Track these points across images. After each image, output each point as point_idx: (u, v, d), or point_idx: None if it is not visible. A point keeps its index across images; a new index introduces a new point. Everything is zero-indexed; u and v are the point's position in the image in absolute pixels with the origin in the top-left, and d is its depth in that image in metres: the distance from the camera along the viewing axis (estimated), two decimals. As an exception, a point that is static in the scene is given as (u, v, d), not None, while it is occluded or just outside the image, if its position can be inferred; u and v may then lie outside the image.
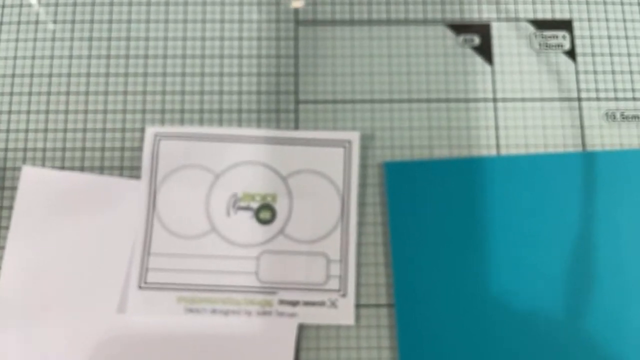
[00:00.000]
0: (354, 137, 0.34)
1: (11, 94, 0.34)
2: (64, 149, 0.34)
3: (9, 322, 0.31)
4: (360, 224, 0.33)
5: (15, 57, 0.35)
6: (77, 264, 0.32)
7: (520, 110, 0.35)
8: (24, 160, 0.34)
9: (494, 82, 0.35)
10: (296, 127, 0.34)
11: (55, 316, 0.31)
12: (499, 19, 0.36)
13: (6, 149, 0.34)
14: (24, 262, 0.32)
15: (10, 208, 0.33)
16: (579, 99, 0.35)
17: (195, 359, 0.31)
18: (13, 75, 0.35)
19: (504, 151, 0.34)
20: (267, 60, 0.35)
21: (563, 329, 0.32)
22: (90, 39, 0.35)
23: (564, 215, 0.33)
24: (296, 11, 0.36)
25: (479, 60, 0.36)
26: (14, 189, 0.33)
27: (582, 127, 0.35)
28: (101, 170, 0.33)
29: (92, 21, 0.35)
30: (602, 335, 0.32)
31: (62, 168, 0.33)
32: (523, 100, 0.35)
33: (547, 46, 0.36)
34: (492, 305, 0.32)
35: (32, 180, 0.33)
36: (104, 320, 0.31)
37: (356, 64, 0.35)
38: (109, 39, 0.35)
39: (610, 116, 0.35)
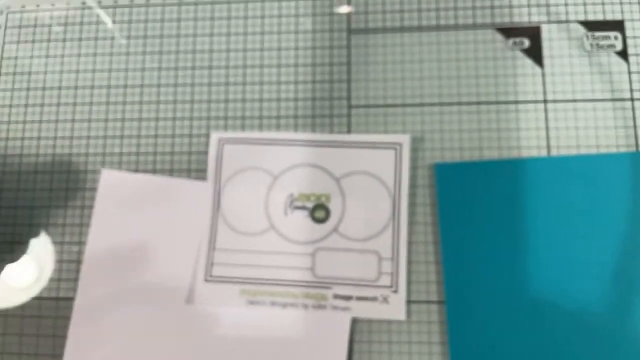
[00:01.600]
0: (405, 139, 0.35)
1: (91, 104, 0.38)
2: (137, 154, 0.37)
3: (90, 312, 0.35)
4: (411, 223, 0.35)
5: (94, 71, 0.38)
6: (150, 258, 0.35)
7: (572, 111, 0.35)
8: (103, 163, 0.37)
9: (544, 84, 0.36)
10: (349, 131, 0.36)
11: (131, 307, 0.35)
12: (549, 21, 0.37)
13: (87, 154, 0.37)
14: (103, 256, 0.35)
15: (91, 207, 0.36)
16: (632, 99, 0.35)
17: (255, 347, 0.33)
18: (92, 87, 0.38)
19: (554, 152, 0.35)
20: (321, 68, 0.37)
21: (613, 329, 0.32)
22: (160, 52, 0.38)
23: (615, 216, 0.33)
24: (348, 20, 0.38)
25: (528, 62, 0.36)
26: (93, 190, 0.37)
27: (635, 127, 0.35)
28: (171, 172, 0.36)
29: (161, 36, 0.39)
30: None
31: (137, 171, 0.37)
32: (574, 101, 0.36)
33: (598, 47, 0.36)
34: (541, 304, 0.33)
35: (110, 181, 0.36)
36: (174, 310, 0.34)
37: (406, 69, 0.37)
38: (177, 52, 0.38)
39: (666, 116, 0.35)
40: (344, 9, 0.38)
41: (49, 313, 0.35)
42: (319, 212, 0.35)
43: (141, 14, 0.39)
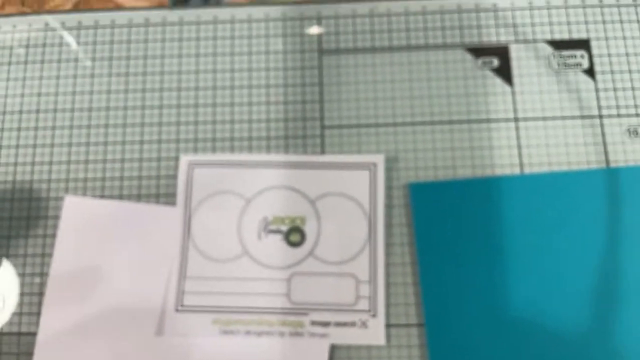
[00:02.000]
0: (379, 159, 0.35)
1: (53, 127, 0.37)
2: (103, 179, 0.36)
3: (55, 344, 0.33)
4: (388, 244, 0.34)
5: (56, 94, 0.37)
6: (117, 289, 0.33)
7: (542, 129, 0.36)
8: (67, 190, 0.35)
9: (514, 102, 0.36)
10: (322, 152, 0.36)
11: (98, 339, 0.33)
12: (516, 41, 0.37)
13: (49, 180, 0.36)
14: (66, 287, 0.34)
15: (53, 236, 0.35)
16: (600, 116, 0.36)
17: (230, 379, 0.32)
18: (55, 110, 0.37)
19: (527, 170, 0.35)
20: (293, 89, 0.37)
21: (590, 346, 0.32)
22: (127, 74, 0.37)
23: (589, 232, 0.33)
24: (319, 41, 0.38)
25: (498, 81, 0.37)
26: (56, 217, 0.35)
27: (604, 143, 0.35)
28: (138, 197, 0.35)
29: (128, 58, 0.38)
30: (630, 351, 0.32)
31: (102, 197, 0.35)
32: (544, 119, 0.36)
33: (565, 65, 0.37)
34: (520, 323, 0.32)
35: (74, 208, 0.35)
36: (144, 342, 0.33)
37: (378, 89, 0.37)
38: (144, 74, 0.37)
39: (633, 132, 0.36)
40: (315, 30, 0.38)
41: (11, 349, 0.33)
42: (294, 235, 0.34)
43: (106, 35, 0.38)
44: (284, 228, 0.34)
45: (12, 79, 0.37)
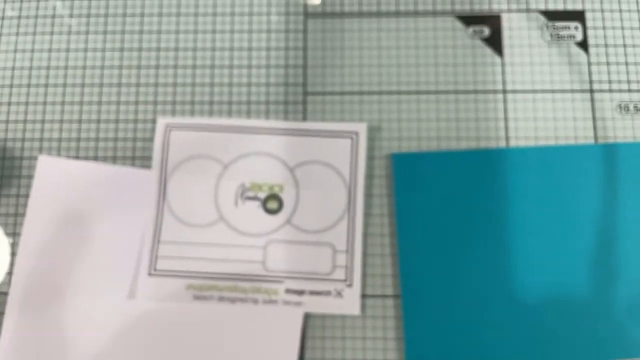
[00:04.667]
0: (361, 128, 0.34)
1: (28, 85, 0.35)
2: (78, 139, 0.35)
3: (24, 306, 0.32)
4: (367, 215, 0.34)
5: (32, 50, 0.36)
6: (90, 250, 0.33)
7: (531, 102, 0.35)
8: (40, 149, 0.35)
9: (503, 73, 0.35)
10: (304, 119, 0.35)
11: (69, 301, 0.32)
12: (509, 10, 0.36)
13: (23, 139, 0.35)
14: (39, 248, 0.33)
15: (27, 196, 0.34)
16: (591, 91, 0.35)
17: (202, 345, 0.32)
18: (30, 68, 0.36)
19: (513, 143, 0.34)
20: (276, 53, 0.36)
21: (574, 319, 0.31)
22: (105, 32, 0.36)
23: (574, 208, 0.33)
24: (305, 4, 0.36)
25: (488, 51, 0.36)
26: (30, 177, 0.34)
27: (594, 119, 0.34)
28: (114, 160, 0.34)
29: (106, 15, 0.36)
30: (624, 323, 0.31)
31: (77, 158, 0.34)
32: (534, 92, 0.35)
33: (558, 37, 0.36)
34: (498, 296, 0.32)
35: (48, 169, 0.34)
36: (116, 305, 0.32)
37: (364, 55, 0.36)
38: (123, 32, 0.36)
39: (624, 108, 0.35)
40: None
41: (-17, 310, 0.33)
42: (272, 202, 0.34)
43: (85, -9, 0.37)
44: (262, 195, 0.34)
45: (-12, 35, 0.36)
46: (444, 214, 0.33)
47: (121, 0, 0.36)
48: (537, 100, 0.35)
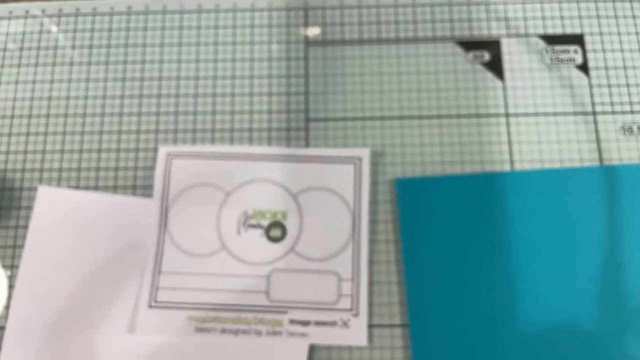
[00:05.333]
0: (364, 153, 0.34)
1: (30, 116, 0.35)
2: (79, 169, 0.34)
3: (23, 338, 0.31)
4: (372, 241, 0.33)
5: (34, 82, 0.36)
6: (90, 282, 0.32)
7: (534, 125, 0.35)
8: (40, 180, 0.34)
9: (505, 97, 0.35)
10: (306, 145, 0.35)
11: (68, 334, 0.31)
12: (508, 35, 0.36)
13: (23, 170, 0.34)
14: (38, 280, 0.32)
15: (26, 227, 0.33)
16: (594, 113, 0.35)
17: (205, 380, 0.31)
18: (32, 99, 0.36)
19: (518, 166, 0.34)
20: (277, 80, 0.36)
21: (578, 344, 0.30)
22: (107, 62, 0.36)
23: (582, 231, 0.32)
24: (306, 34, 0.37)
25: (489, 75, 0.36)
26: (29, 208, 0.34)
27: (598, 141, 0.34)
28: (115, 189, 0.34)
29: (109, 46, 0.37)
30: (631, 350, 0.30)
31: (77, 187, 0.34)
32: (536, 115, 0.35)
33: (558, 61, 0.36)
34: (506, 322, 0.31)
35: (48, 199, 0.34)
36: (115, 339, 0.31)
37: (366, 81, 0.36)
38: (125, 62, 0.36)
39: (627, 129, 0.34)
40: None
41: (-22, 346, 0.32)
42: (275, 230, 0.33)
43: (87, 22, 0.37)
44: (265, 223, 0.33)
45: (-9, 67, 0.36)
46: (449, 238, 0.32)
47: (123, 32, 0.37)
48: (540, 123, 0.35)
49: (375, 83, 0.36)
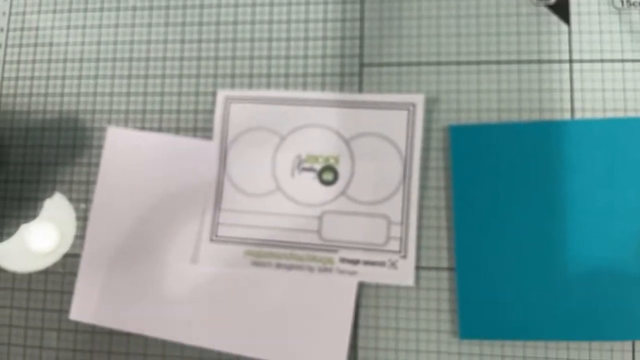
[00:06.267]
0: (418, 99, 0.34)
1: (97, 60, 0.37)
2: (144, 111, 0.36)
3: (96, 267, 0.35)
4: (423, 187, 0.33)
5: (100, 26, 0.38)
6: (156, 216, 0.35)
7: (599, 72, 0.33)
8: (109, 121, 0.36)
9: (570, 42, 0.34)
10: (360, 90, 0.35)
11: (137, 263, 0.34)
12: (578, -25, 0.34)
13: (94, 111, 0.37)
14: (109, 213, 0.35)
15: (97, 165, 0.36)
16: (667, 60, 0.33)
17: (260, 310, 0.33)
18: (99, 43, 0.37)
19: (579, 115, 0.33)
20: (332, 24, 0.36)
21: (628, 294, 0.30)
22: (167, 7, 0.37)
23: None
24: (363, -26, 0.36)
25: (554, 19, 0.34)
26: (100, 147, 0.36)
27: (668, 89, 0.32)
28: (177, 131, 0.36)
29: (168, -10, 0.37)
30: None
31: (143, 129, 0.36)
32: (602, 61, 0.33)
33: (629, 4, 0.34)
34: (553, 269, 0.31)
35: (116, 139, 0.36)
36: (179, 269, 0.34)
37: (423, 25, 0.35)
38: (184, 7, 0.37)
39: (703, 78, 0.32)
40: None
41: (57, 269, 0.35)
42: (327, 174, 0.34)
43: (148, -33, 0.38)
44: (318, 167, 0.34)
45: (58, 12, 0.38)
46: (502, 187, 0.32)
47: (182, -25, 0.37)
48: (606, 70, 0.33)
49: (433, 27, 0.35)
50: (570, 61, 0.34)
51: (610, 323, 0.30)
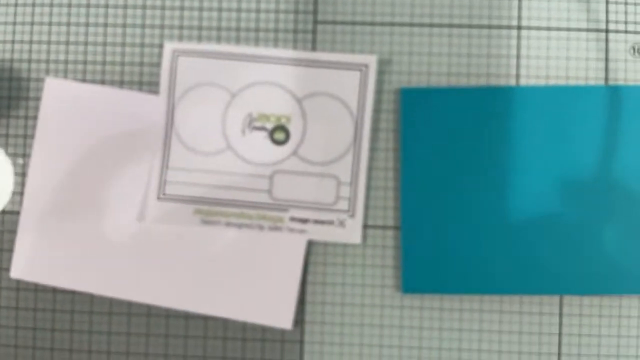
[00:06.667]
0: (371, 61, 0.34)
1: (33, 4, 0.35)
2: (85, 62, 0.34)
3: (37, 223, 0.33)
4: (373, 149, 0.34)
5: (35, -33, 0.35)
6: (100, 172, 0.34)
7: (545, 39, 0.34)
8: (47, 71, 0.34)
9: (520, 8, 0.34)
10: (313, 49, 0.34)
11: (79, 221, 0.33)
12: (531, -60, 0.34)
13: (29, 60, 0.34)
14: (49, 169, 0.34)
15: (35, 118, 0.34)
16: (607, 31, 0.34)
17: (209, 267, 0.33)
18: (33, -14, 0.35)
19: (523, 82, 0.34)
20: (286, -22, 0.34)
21: (569, 250, 0.33)
22: (109, -51, 0.35)
23: (579, 148, 0.33)
24: None
25: (506, -16, 0.34)
26: (37, 99, 0.34)
27: (606, 60, 0.34)
28: (121, 84, 0.34)
29: None
30: (616, 258, 0.33)
31: (84, 81, 0.34)
32: (549, 29, 0.34)
33: (580, -28, 0.34)
34: (496, 228, 0.33)
35: (56, 91, 0.34)
36: (125, 226, 0.33)
37: (378, -16, 0.34)
38: (128, -51, 0.35)
39: (638, 50, 0.34)
40: None
41: (-4, 228, 0.34)
42: (279, 133, 0.34)
43: None
44: (269, 126, 0.34)
45: (-13, -52, 0.35)
46: (448, 149, 0.33)
47: None
48: (552, 38, 0.34)
49: (388, -14, 0.34)
50: (519, 27, 0.34)
51: (540, 279, 0.33)
